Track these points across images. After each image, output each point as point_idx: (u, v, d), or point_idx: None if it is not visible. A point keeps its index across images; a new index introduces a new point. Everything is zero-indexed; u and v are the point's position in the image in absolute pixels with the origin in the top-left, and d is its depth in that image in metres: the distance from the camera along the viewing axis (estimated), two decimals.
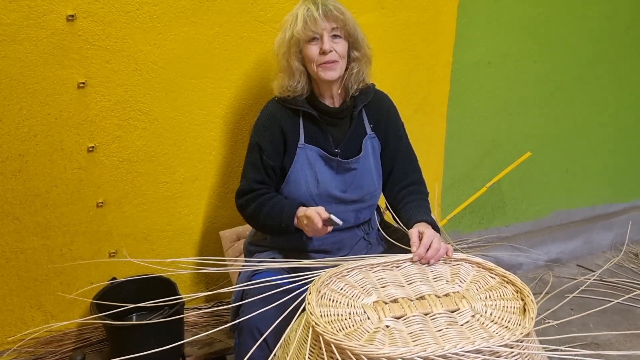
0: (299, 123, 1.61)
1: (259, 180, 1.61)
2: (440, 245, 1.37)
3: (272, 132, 1.60)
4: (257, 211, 1.58)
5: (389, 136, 1.69)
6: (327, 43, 1.52)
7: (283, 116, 1.61)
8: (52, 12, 1.67)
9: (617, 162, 2.97)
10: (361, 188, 1.63)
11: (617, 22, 2.64)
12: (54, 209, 1.86)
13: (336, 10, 1.52)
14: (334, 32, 1.53)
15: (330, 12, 1.51)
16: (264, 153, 1.59)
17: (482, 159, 2.58)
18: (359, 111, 1.63)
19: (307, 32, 1.51)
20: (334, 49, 1.53)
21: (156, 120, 1.90)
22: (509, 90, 2.52)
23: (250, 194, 1.61)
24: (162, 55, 1.84)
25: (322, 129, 1.61)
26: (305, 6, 1.53)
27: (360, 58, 1.60)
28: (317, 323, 1.10)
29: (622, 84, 2.80)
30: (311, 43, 1.53)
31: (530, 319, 1.12)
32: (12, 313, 1.91)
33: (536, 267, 2.78)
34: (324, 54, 1.52)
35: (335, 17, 1.52)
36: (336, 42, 1.54)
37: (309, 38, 1.52)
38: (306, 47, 1.54)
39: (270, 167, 1.60)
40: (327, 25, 1.52)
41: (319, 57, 1.53)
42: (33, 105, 1.74)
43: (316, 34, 1.52)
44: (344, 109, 1.63)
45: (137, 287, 1.94)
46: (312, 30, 1.51)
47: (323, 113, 1.61)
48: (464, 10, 2.28)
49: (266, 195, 1.59)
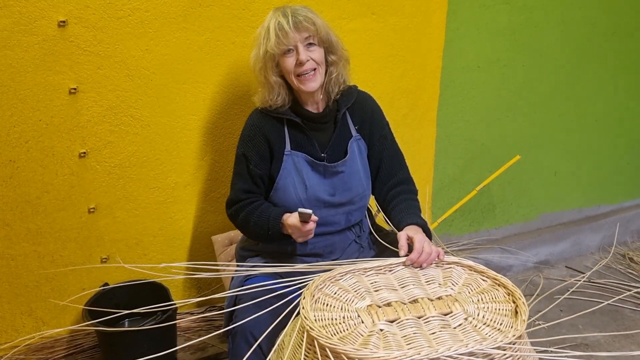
0: (284, 130, 1.62)
1: (247, 190, 1.62)
2: (432, 249, 1.39)
3: (257, 142, 1.61)
4: (245, 220, 1.60)
5: (374, 136, 1.70)
6: (303, 53, 1.52)
7: (267, 125, 1.62)
8: (44, 18, 1.67)
9: (604, 165, 3.01)
10: (350, 190, 1.64)
11: (601, 27, 2.68)
12: (45, 215, 1.85)
13: (306, 20, 1.52)
14: (308, 41, 1.53)
15: (301, 23, 1.51)
16: (251, 162, 1.61)
17: (471, 163, 2.60)
18: (342, 114, 1.65)
19: (281, 46, 1.51)
20: (311, 58, 1.54)
21: (148, 125, 1.90)
22: (498, 94, 2.55)
23: (238, 203, 1.62)
24: (153, 61, 1.84)
25: (307, 135, 1.63)
26: (275, 19, 1.53)
27: (338, 61, 1.61)
28: (312, 327, 1.11)
29: (608, 87, 2.84)
30: (287, 55, 1.53)
31: (522, 321, 1.14)
32: (2, 320, 1.90)
33: (525, 269, 2.80)
34: (301, 64, 1.53)
35: (306, 28, 1.52)
36: (311, 50, 1.54)
37: (283, 51, 1.53)
38: (282, 60, 1.54)
39: (258, 175, 1.61)
40: (299, 36, 1.52)
41: (296, 68, 1.54)
42: (24, 111, 1.73)
43: (290, 45, 1.52)
44: (328, 114, 1.64)
45: (129, 292, 1.93)
46: (285, 43, 1.51)
47: (307, 119, 1.62)
48: (453, 16, 2.31)
49: (254, 204, 1.60)
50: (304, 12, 1.53)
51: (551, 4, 2.51)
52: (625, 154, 3.05)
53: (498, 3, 2.38)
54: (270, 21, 1.54)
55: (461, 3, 2.30)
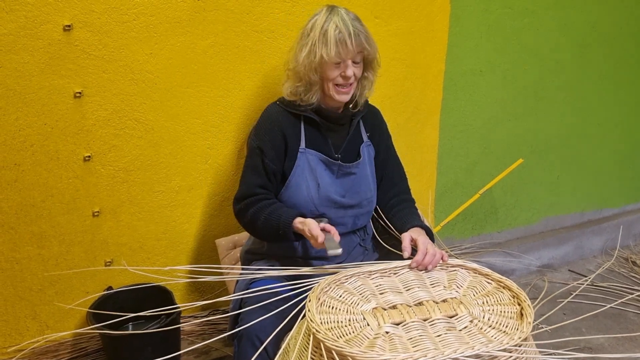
0: (300, 127, 1.63)
1: (260, 185, 1.59)
2: (435, 251, 1.40)
3: (273, 136, 1.60)
4: (255, 216, 1.56)
5: (381, 146, 1.75)
6: (350, 69, 1.53)
7: (284, 120, 1.62)
8: (49, 22, 1.68)
9: (606, 169, 3.01)
10: (359, 193, 1.66)
11: (603, 30, 2.69)
12: (49, 218, 1.85)
13: (366, 40, 1.52)
14: (356, 59, 1.55)
15: (361, 42, 1.51)
16: (266, 157, 1.59)
17: (474, 166, 2.61)
18: (357, 119, 1.68)
19: (337, 58, 1.51)
20: (354, 74, 1.55)
21: (152, 129, 1.90)
22: (500, 98, 2.56)
23: (250, 198, 1.59)
24: (158, 65, 1.85)
25: (323, 134, 1.63)
26: (334, 25, 1.50)
27: (372, 78, 1.64)
28: (318, 330, 1.11)
29: (610, 91, 2.85)
30: (335, 65, 1.54)
31: (527, 323, 1.14)
32: (6, 323, 1.90)
33: (529, 272, 2.80)
34: (345, 79, 1.54)
35: (364, 47, 1.53)
36: (356, 67, 1.56)
37: (335, 62, 1.53)
38: (329, 67, 1.54)
39: (272, 171, 1.59)
40: (355, 54, 1.53)
41: (338, 79, 1.55)
42: (29, 114, 1.74)
43: (342, 58, 1.52)
44: (345, 116, 1.66)
45: (133, 296, 1.93)
46: (342, 57, 1.51)
47: (325, 118, 1.63)
48: (455, 20, 2.32)
49: (265, 201, 1.58)
50: (360, 26, 1.53)
51: (553, 8, 2.52)
52: (627, 157, 3.06)
53: (500, 7, 2.39)
54: (329, 25, 1.51)
55: (464, 7, 2.31)
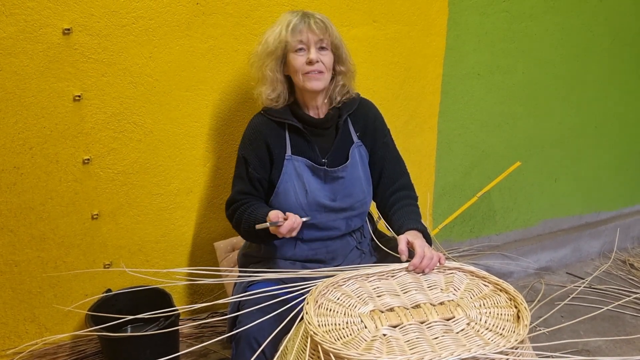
0: (285, 135, 1.64)
1: (245, 192, 1.64)
2: (433, 254, 1.40)
3: (257, 146, 1.63)
4: (238, 220, 1.61)
5: (377, 144, 1.72)
6: (314, 53, 1.55)
7: (268, 129, 1.64)
8: (49, 26, 1.68)
9: (603, 172, 3.02)
10: (350, 196, 1.65)
11: (600, 34, 2.70)
12: (48, 221, 1.86)
13: (323, 22, 1.56)
14: (321, 44, 1.57)
15: (318, 24, 1.55)
16: (250, 165, 1.63)
17: (472, 169, 2.62)
18: (344, 120, 1.67)
19: (295, 41, 1.54)
20: (321, 60, 1.56)
21: (151, 132, 1.91)
22: (498, 101, 2.57)
23: (235, 204, 1.64)
24: (157, 68, 1.85)
25: (308, 140, 1.64)
26: (289, 18, 1.57)
27: (345, 72, 1.65)
28: (316, 332, 1.11)
29: (607, 94, 2.86)
30: (297, 53, 1.56)
31: (524, 326, 1.15)
32: (5, 326, 1.90)
33: (526, 275, 2.81)
34: (311, 63, 1.55)
35: (321, 29, 1.55)
36: (322, 54, 1.57)
37: (296, 48, 1.56)
38: (292, 57, 1.57)
39: (256, 179, 1.63)
40: (315, 37, 1.55)
41: (305, 67, 1.56)
42: (29, 118, 1.74)
43: (303, 44, 1.55)
44: (329, 119, 1.66)
45: (132, 298, 1.94)
46: (300, 39, 1.54)
47: (308, 124, 1.64)
48: (453, 24, 2.33)
49: (246, 204, 1.62)
50: (319, 16, 1.58)
51: (551, 12, 2.53)
52: (624, 160, 3.07)
53: (498, 11, 2.40)
54: (284, 20, 1.57)
55: (462, 11, 2.33)
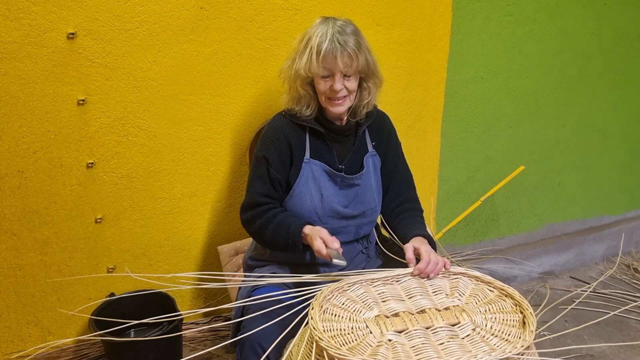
0: (305, 138, 1.63)
1: (265, 194, 1.60)
2: (438, 259, 1.40)
3: (279, 146, 1.61)
4: (263, 228, 1.57)
5: (388, 155, 1.72)
6: (338, 83, 1.51)
7: (290, 130, 1.62)
8: (53, 30, 1.69)
9: (607, 176, 3.01)
10: (362, 204, 1.65)
11: (604, 38, 2.70)
12: (52, 225, 1.86)
13: (354, 52, 1.49)
14: (347, 73, 1.52)
15: (346, 51, 1.48)
16: (272, 166, 1.59)
17: (475, 173, 2.61)
18: (362, 129, 1.67)
19: (323, 71, 1.51)
20: (345, 87, 1.53)
21: (155, 136, 1.91)
22: (501, 105, 2.57)
23: (256, 208, 1.60)
24: (161, 72, 1.86)
25: (328, 145, 1.64)
26: (322, 38, 1.49)
27: (372, 87, 1.62)
28: (321, 337, 1.11)
29: (611, 98, 2.85)
30: (323, 79, 1.53)
31: (530, 331, 1.14)
32: (9, 330, 1.90)
33: (530, 279, 2.80)
34: (334, 92, 1.53)
35: (350, 59, 1.49)
36: (348, 81, 1.54)
37: (321, 75, 1.52)
38: (317, 81, 1.55)
39: (277, 180, 1.60)
40: (342, 67, 1.50)
41: (329, 92, 1.54)
42: (33, 122, 1.75)
43: (329, 71, 1.51)
44: (350, 127, 1.65)
45: (135, 302, 1.94)
46: (328, 69, 1.50)
47: (329, 130, 1.63)
48: (457, 28, 2.33)
49: (272, 211, 1.59)
50: (352, 42, 1.50)
51: (554, 16, 2.53)
52: (628, 164, 3.06)
53: (502, 15, 2.40)
54: (315, 40, 1.50)
55: (465, 15, 2.32)
